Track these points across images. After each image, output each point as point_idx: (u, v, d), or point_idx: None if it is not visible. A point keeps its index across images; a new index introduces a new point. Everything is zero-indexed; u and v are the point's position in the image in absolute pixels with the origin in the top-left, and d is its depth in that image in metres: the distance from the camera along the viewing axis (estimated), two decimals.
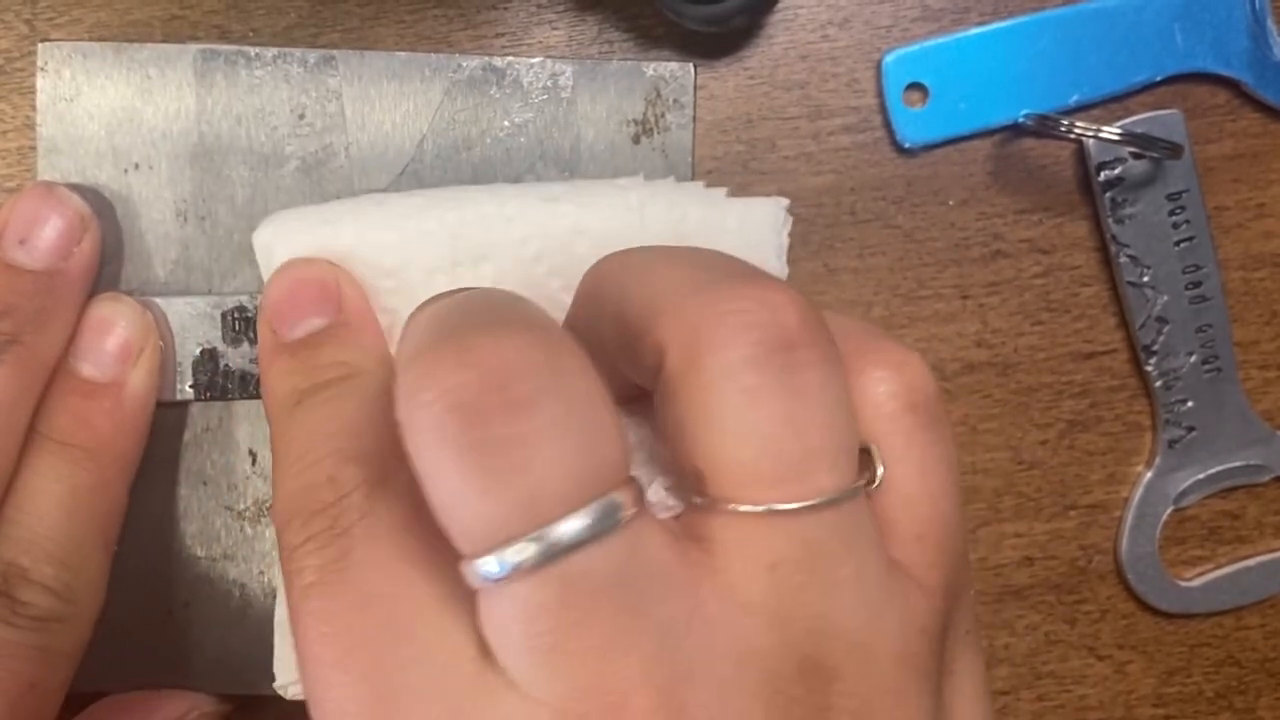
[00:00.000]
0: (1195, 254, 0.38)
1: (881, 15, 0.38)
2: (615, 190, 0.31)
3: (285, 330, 0.30)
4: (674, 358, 0.23)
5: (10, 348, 0.32)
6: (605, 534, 0.21)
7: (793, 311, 0.22)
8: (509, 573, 0.20)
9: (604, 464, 0.21)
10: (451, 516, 0.21)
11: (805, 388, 0.22)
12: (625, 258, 0.26)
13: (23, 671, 0.31)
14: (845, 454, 0.23)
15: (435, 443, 0.21)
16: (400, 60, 0.36)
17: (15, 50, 0.36)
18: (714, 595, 0.22)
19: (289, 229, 0.31)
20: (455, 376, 0.21)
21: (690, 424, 0.22)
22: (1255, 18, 0.38)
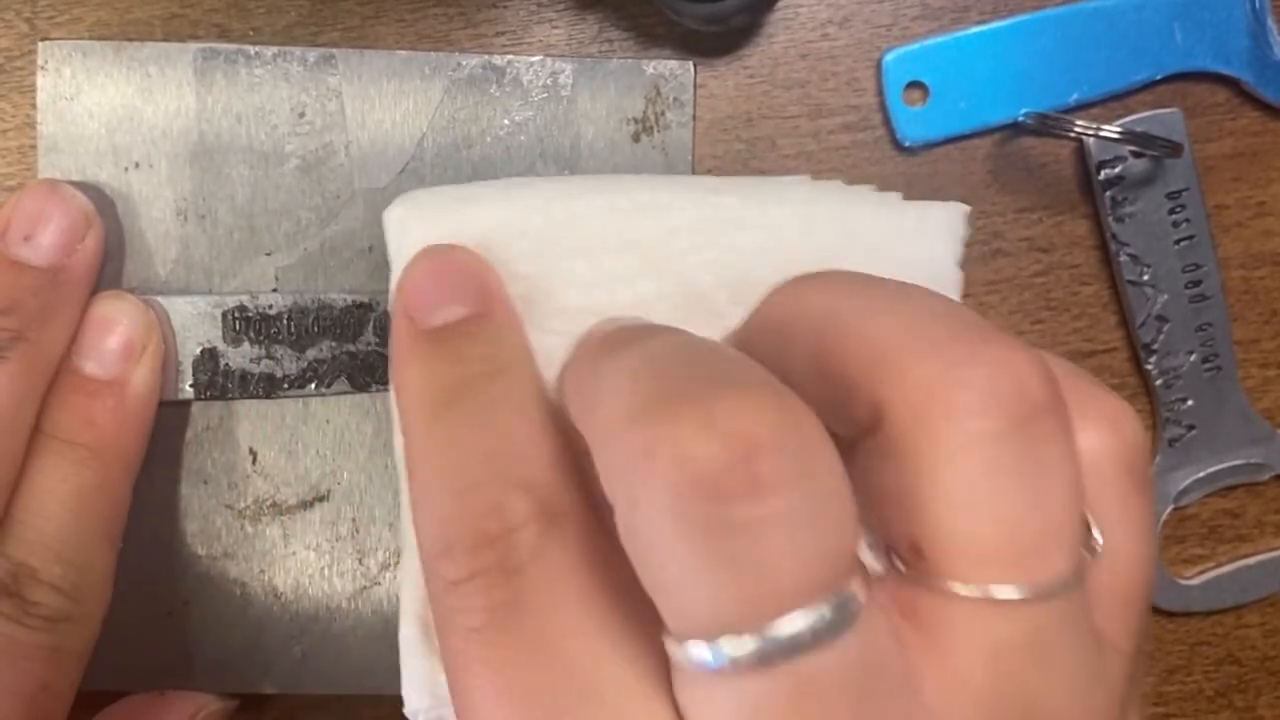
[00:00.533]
0: (1195, 252, 0.38)
1: (881, 14, 0.38)
2: (781, 186, 0.29)
3: (424, 317, 0.27)
4: (901, 419, 0.21)
5: (15, 344, 0.32)
6: (841, 630, 0.19)
7: (1035, 377, 0.20)
8: (724, 664, 0.19)
9: (843, 554, 0.19)
10: (671, 596, 0.19)
11: (1047, 463, 0.20)
12: (829, 292, 0.24)
13: (35, 672, 0.31)
14: (1077, 533, 0.21)
15: (668, 517, 0.19)
16: (400, 59, 0.36)
17: (16, 49, 0.36)
18: (934, 683, 0.20)
19: (425, 206, 0.29)
20: (699, 445, 0.19)
21: (915, 494, 0.21)
22: (1255, 16, 0.38)
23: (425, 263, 0.28)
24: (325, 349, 0.36)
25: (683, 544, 0.19)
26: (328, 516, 0.37)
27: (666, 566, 0.19)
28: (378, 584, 0.37)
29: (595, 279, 0.28)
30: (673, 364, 0.21)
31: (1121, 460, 0.23)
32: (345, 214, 0.36)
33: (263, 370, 0.36)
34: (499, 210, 0.28)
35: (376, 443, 0.37)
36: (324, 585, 0.37)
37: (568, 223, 0.28)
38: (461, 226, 0.28)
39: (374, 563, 0.37)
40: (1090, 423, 0.23)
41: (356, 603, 0.37)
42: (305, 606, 0.37)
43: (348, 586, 0.37)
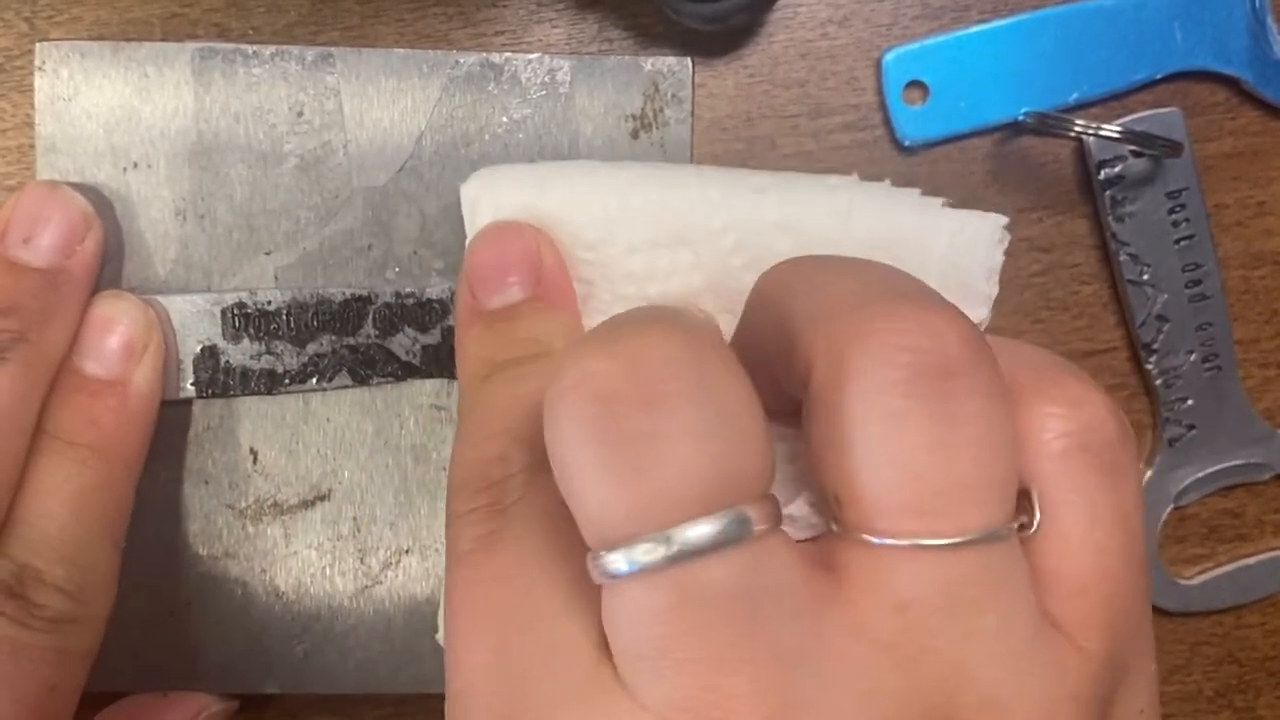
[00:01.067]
0: (1195, 252, 0.38)
1: (881, 13, 0.38)
2: (826, 189, 0.30)
3: (485, 297, 0.30)
4: (820, 372, 0.21)
5: (16, 346, 0.32)
6: (730, 545, 0.20)
7: (953, 336, 0.21)
8: (635, 571, 0.20)
9: (741, 473, 0.20)
10: (581, 507, 0.21)
11: (957, 417, 0.20)
12: (796, 265, 0.25)
13: (42, 674, 0.31)
14: (997, 492, 0.21)
15: (572, 430, 0.20)
16: (398, 57, 0.36)
17: (15, 48, 0.36)
18: (839, 628, 0.21)
19: (497, 185, 0.31)
20: (597, 365, 0.20)
21: (831, 445, 0.21)
22: (1255, 16, 0.37)
23: (488, 239, 0.30)
24: (325, 343, 0.36)
25: (585, 455, 0.20)
26: (329, 516, 0.37)
27: (575, 479, 0.21)
28: (379, 583, 0.37)
29: (650, 272, 0.30)
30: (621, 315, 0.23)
31: (1074, 438, 0.23)
32: (344, 213, 0.36)
33: (263, 366, 0.36)
34: (567, 197, 0.30)
35: (377, 442, 0.37)
36: (325, 585, 0.37)
37: (628, 216, 0.30)
38: (530, 208, 0.30)
39: (375, 562, 0.37)
40: (1049, 402, 0.23)
41: (358, 602, 0.37)
42: (307, 606, 0.37)
43: (349, 586, 0.37)
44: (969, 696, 0.21)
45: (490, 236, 0.30)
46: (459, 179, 0.36)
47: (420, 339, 0.36)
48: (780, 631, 0.20)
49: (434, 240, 0.36)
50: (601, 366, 0.20)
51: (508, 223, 0.30)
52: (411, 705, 0.39)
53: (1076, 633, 0.22)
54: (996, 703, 0.21)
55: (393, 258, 0.36)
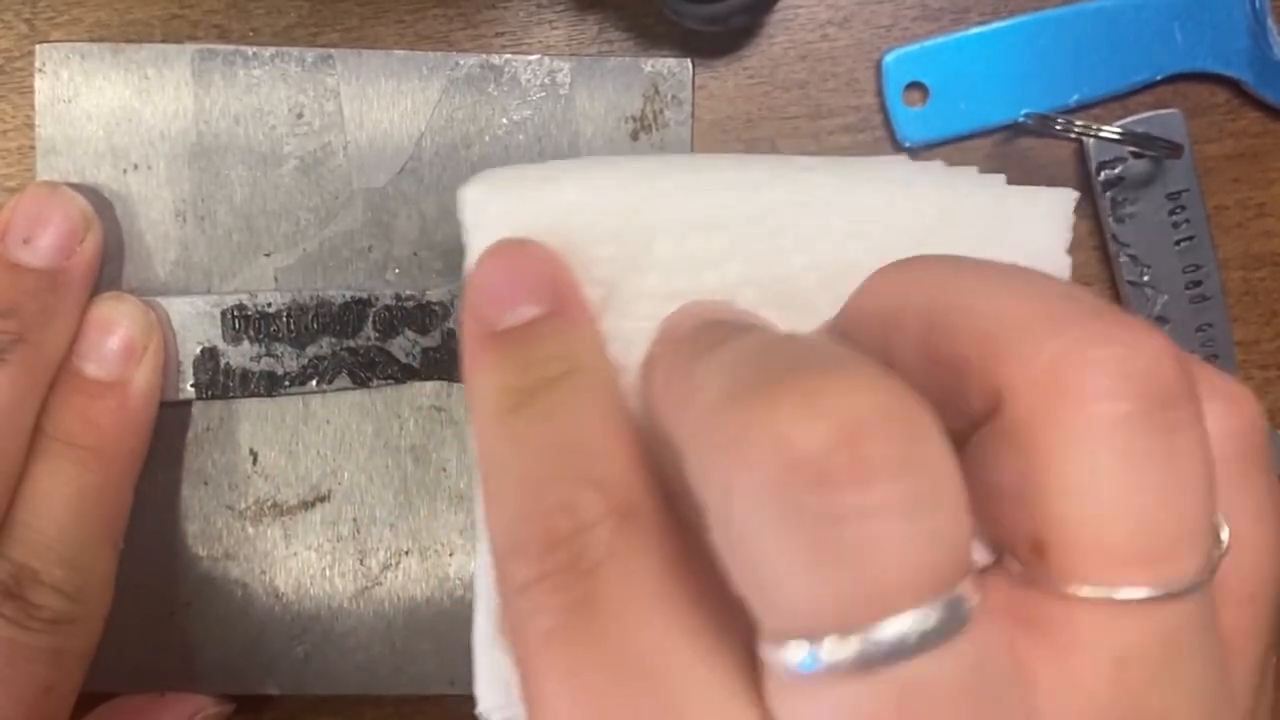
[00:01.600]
0: (1195, 253, 0.38)
1: (881, 15, 0.38)
2: (878, 165, 0.27)
3: (495, 317, 0.25)
4: (1024, 405, 0.19)
5: (16, 347, 0.32)
6: (953, 635, 0.17)
7: (1169, 360, 0.19)
8: (822, 668, 0.17)
9: (956, 552, 0.18)
10: (768, 592, 0.18)
11: (1180, 452, 0.19)
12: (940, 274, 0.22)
13: (39, 675, 0.31)
14: (1211, 528, 0.19)
15: (765, 504, 0.17)
16: (398, 58, 0.36)
17: (15, 50, 0.36)
18: (1051, 694, 0.19)
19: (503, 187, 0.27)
20: (800, 426, 0.17)
21: (1039, 484, 0.19)
22: (1255, 17, 0.37)
23: (494, 260, 0.26)
24: (325, 345, 0.36)
25: (782, 533, 0.17)
26: (328, 517, 0.37)
27: (763, 559, 0.18)
28: (379, 584, 0.37)
29: (679, 261, 0.26)
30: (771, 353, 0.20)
31: (1242, 440, 0.21)
32: (344, 214, 0.36)
33: (263, 368, 0.36)
34: (580, 189, 0.26)
35: (377, 443, 0.37)
36: (325, 586, 0.37)
37: (652, 201, 0.26)
38: (541, 208, 0.26)
39: (375, 563, 0.37)
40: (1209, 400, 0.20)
41: (358, 603, 0.37)
42: (307, 607, 0.37)
43: (349, 587, 0.37)
44: None
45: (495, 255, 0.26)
46: (459, 180, 0.35)
47: (420, 341, 0.36)
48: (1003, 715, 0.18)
49: (434, 242, 0.36)
50: (804, 429, 0.17)
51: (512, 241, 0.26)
52: (411, 706, 0.39)
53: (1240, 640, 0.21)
54: None
55: (393, 259, 0.36)
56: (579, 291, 0.26)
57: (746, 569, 0.18)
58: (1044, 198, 0.27)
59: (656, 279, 0.26)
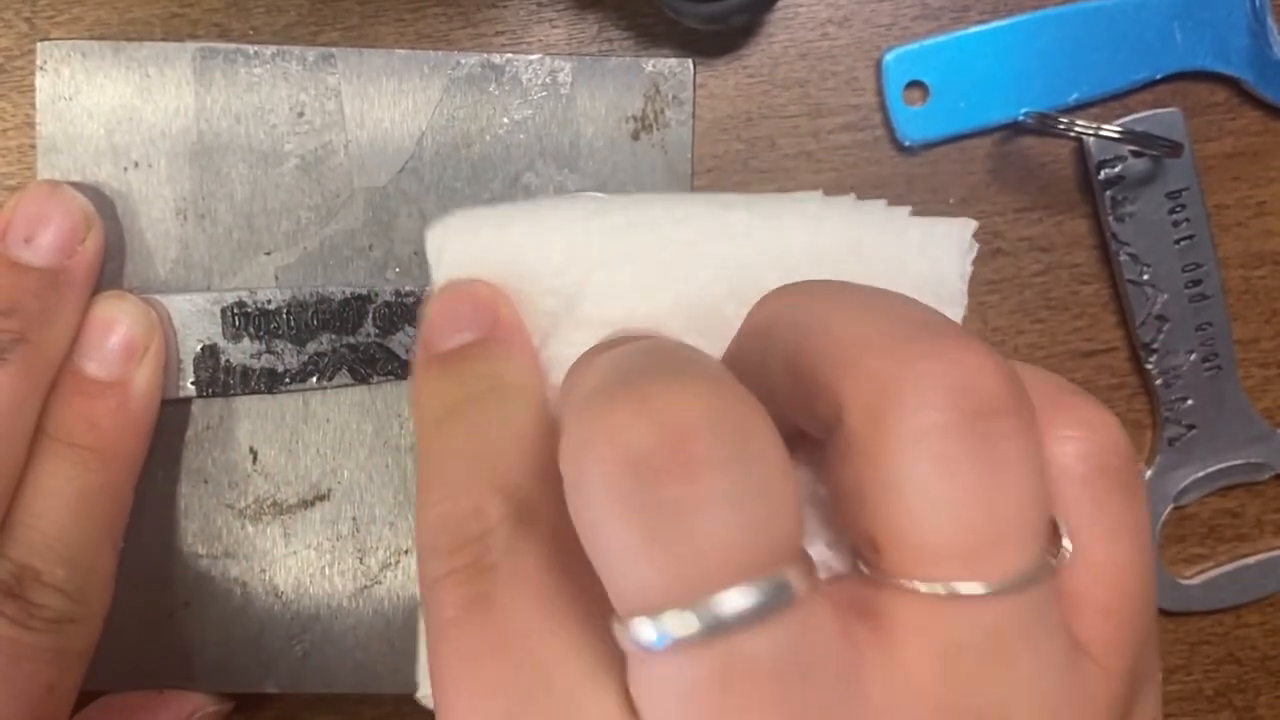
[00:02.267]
0: (1195, 252, 0.38)
1: (881, 13, 0.38)
2: (791, 201, 0.30)
3: (437, 342, 0.29)
4: (857, 416, 0.21)
5: (17, 346, 0.32)
6: (774, 613, 0.19)
7: (993, 374, 0.20)
8: (668, 644, 0.19)
9: (779, 537, 0.20)
10: (612, 573, 0.20)
11: (1003, 459, 0.20)
12: (805, 295, 0.24)
13: (40, 674, 0.31)
14: (1037, 532, 0.21)
15: (604, 497, 0.19)
16: (399, 57, 0.36)
17: (16, 48, 0.36)
18: (883, 682, 0.20)
19: (458, 230, 0.30)
20: (632, 428, 0.19)
21: (871, 489, 0.21)
22: (1255, 16, 0.38)
23: (443, 295, 0.29)
24: (325, 342, 0.36)
25: (618, 521, 0.19)
26: (328, 515, 0.37)
27: (607, 545, 0.20)
28: (379, 583, 0.37)
29: (615, 293, 0.29)
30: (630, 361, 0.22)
31: (1094, 461, 0.23)
32: (345, 213, 0.36)
33: (264, 365, 0.36)
34: (528, 231, 0.29)
35: (377, 441, 0.37)
36: (325, 584, 0.37)
37: (590, 240, 0.29)
38: (494, 248, 0.29)
39: (375, 561, 0.37)
40: (1064, 426, 0.23)
41: (357, 601, 0.37)
42: (306, 606, 0.37)
43: (348, 585, 0.37)
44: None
45: (445, 294, 0.30)
46: (460, 179, 0.36)
47: None
48: (826, 697, 0.20)
49: None
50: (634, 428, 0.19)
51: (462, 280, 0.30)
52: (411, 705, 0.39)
53: (1101, 653, 0.22)
54: None
55: (393, 258, 0.36)
56: (518, 321, 0.29)
57: (595, 555, 0.20)
58: (943, 228, 0.29)
59: (594, 310, 0.29)
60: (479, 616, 0.23)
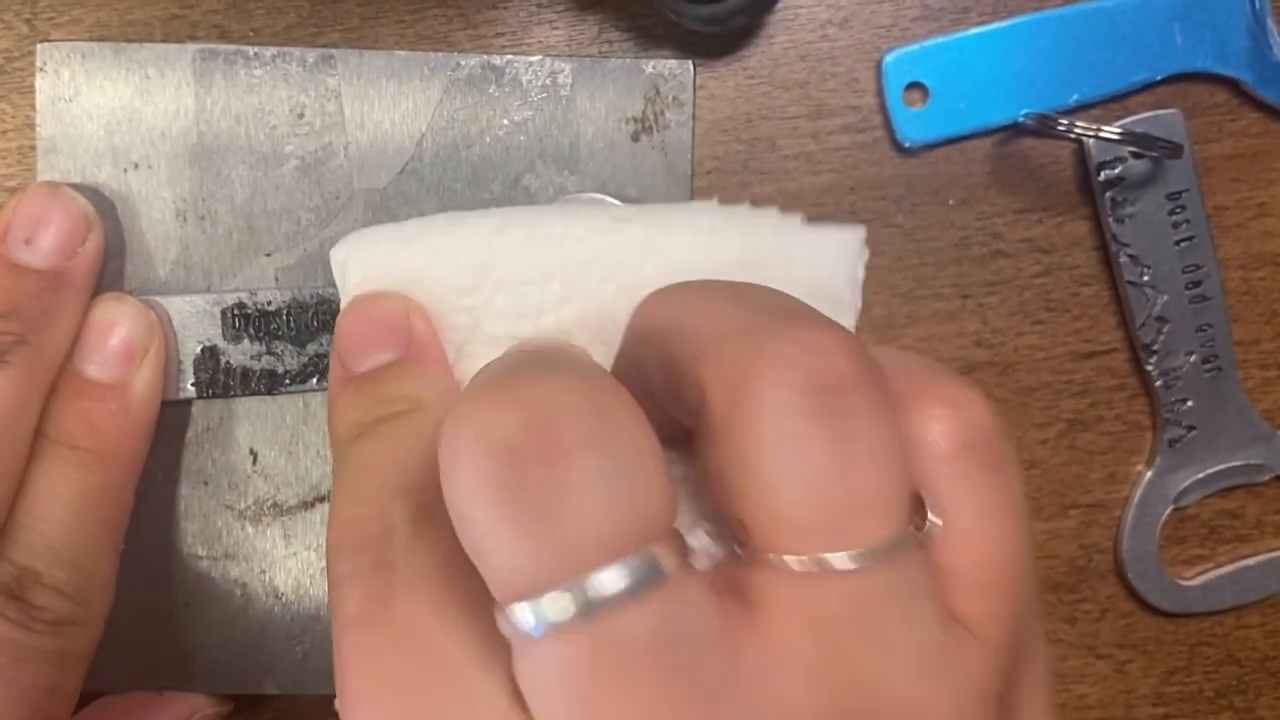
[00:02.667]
0: (1195, 253, 0.38)
1: (881, 15, 0.38)
2: (687, 213, 0.30)
3: (353, 363, 0.30)
4: (715, 400, 0.22)
5: (17, 348, 0.32)
6: (645, 592, 0.20)
7: (842, 354, 0.21)
8: (545, 629, 0.20)
9: (647, 517, 0.20)
10: (487, 561, 0.20)
11: (854, 434, 0.21)
12: (673, 293, 0.25)
13: (42, 676, 0.31)
14: (896, 504, 0.21)
15: (472, 483, 0.20)
16: (399, 59, 0.36)
17: (15, 50, 0.36)
18: (757, 657, 0.21)
19: (363, 248, 0.31)
20: (495, 415, 0.20)
21: (731, 470, 0.21)
22: (1255, 17, 0.38)
23: (356, 312, 0.30)
24: (325, 343, 0.36)
25: (486, 507, 0.20)
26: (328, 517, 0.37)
27: (477, 533, 0.20)
28: None
29: (520, 309, 0.30)
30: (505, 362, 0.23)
31: (959, 437, 0.23)
32: (345, 215, 0.36)
33: (264, 367, 0.36)
34: (432, 250, 0.30)
35: None
36: (325, 585, 0.37)
37: (494, 258, 0.30)
38: (398, 266, 0.30)
39: None
40: (930, 405, 0.23)
41: None
42: (306, 607, 0.37)
43: None
44: (885, 704, 0.21)
45: (358, 307, 0.30)
46: (460, 181, 0.36)
47: None
48: (701, 673, 0.20)
49: None
50: (499, 417, 0.20)
51: (375, 293, 0.30)
52: None
53: (978, 625, 0.23)
54: (910, 708, 0.21)
55: None
56: (433, 334, 0.30)
57: (469, 544, 0.20)
58: (833, 237, 0.30)
59: (503, 325, 0.30)
60: (378, 613, 0.23)
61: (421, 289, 0.30)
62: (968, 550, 0.23)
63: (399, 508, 0.25)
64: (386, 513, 0.25)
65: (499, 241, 0.30)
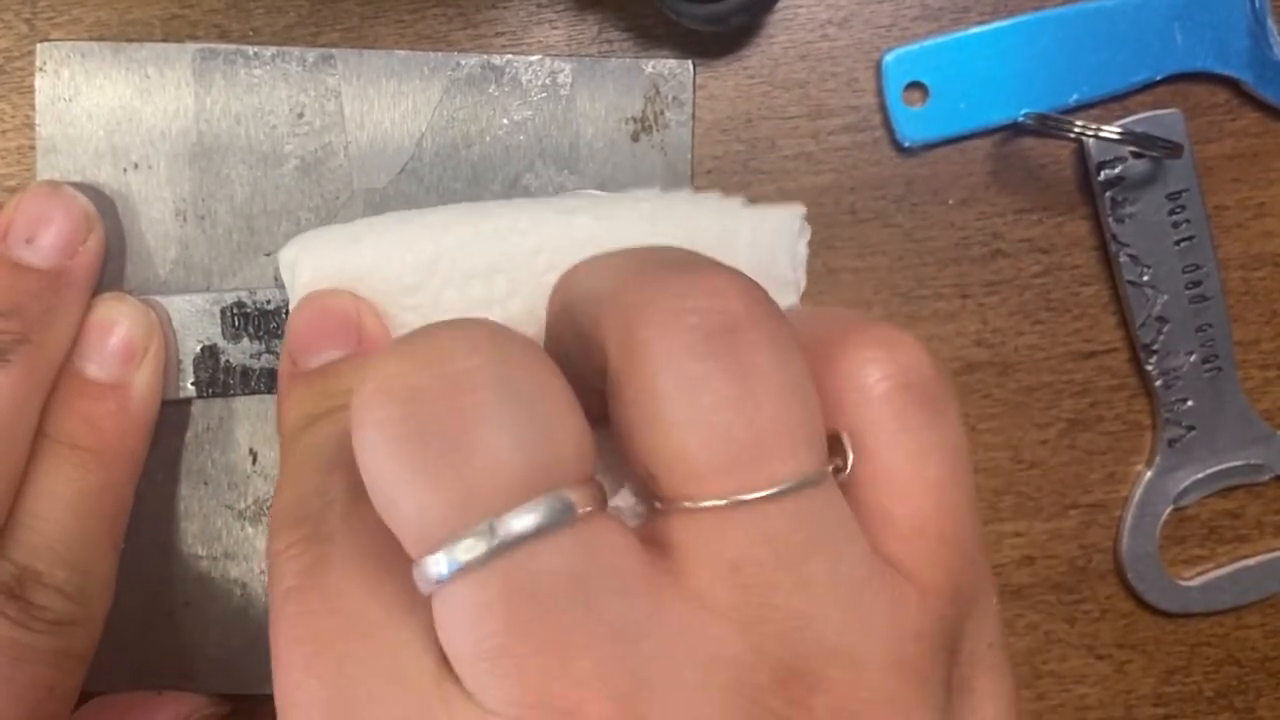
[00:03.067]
0: (1195, 253, 0.38)
1: (881, 14, 0.38)
2: (630, 201, 0.31)
3: (304, 360, 0.30)
4: (615, 353, 0.22)
5: (18, 347, 0.32)
6: (557, 530, 0.20)
7: (733, 293, 0.21)
8: (455, 571, 0.20)
9: (556, 457, 0.20)
10: (396, 514, 0.20)
11: (752, 371, 0.21)
12: (579, 266, 0.25)
13: (42, 676, 0.31)
14: (805, 439, 0.21)
15: (376, 435, 0.20)
16: (399, 59, 0.36)
17: (15, 49, 0.36)
18: (676, 599, 0.20)
19: (313, 248, 0.31)
20: (396, 366, 0.20)
21: (634, 423, 0.21)
22: (1255, 17, 0.38)
23: (305, 310, 0.31)
24: None
25: (391, 456, 0.20)
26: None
27: (386, 484, 0.20)
28: None
29: (468, 304, 0.30)
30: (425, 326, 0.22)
31: (895, 379, 0.23)
32: (344, 214, 0.36)
33: (264, 366, 0.36)
34: (379, 248, 0.31)
35: None
36: None
37: (440, 255, 0.30)
38: (347, 265, 0.31)
39: None
40: (863, 347, 0.23)
41: None
42: None
43: None
44: (814, 646, 0.20)
45: (309, 305, 0.30)
46: (460, 181, 0.36)
47: None
48: (618, 611, 0.20)
49: None
50: (400, 367, 0.20)
51: (326, 291, 0.30)
52: None
53: (917, 571, 0.22)
54: (842, 649, 0.20)
55: None
56: (384, 331, 0.30)
57: (380, 505, 0.20)
58: (772, 217, 0.30)
59: None
60: (314, 583, 0.23)
61: (369, 287, 0.30)
62: (903, 493, 0.23)
63: (334, 482, 0.25)
64: (323, 489, 0.25)
65: (445, 238, 0.30)
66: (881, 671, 0.21)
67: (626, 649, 0.20)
